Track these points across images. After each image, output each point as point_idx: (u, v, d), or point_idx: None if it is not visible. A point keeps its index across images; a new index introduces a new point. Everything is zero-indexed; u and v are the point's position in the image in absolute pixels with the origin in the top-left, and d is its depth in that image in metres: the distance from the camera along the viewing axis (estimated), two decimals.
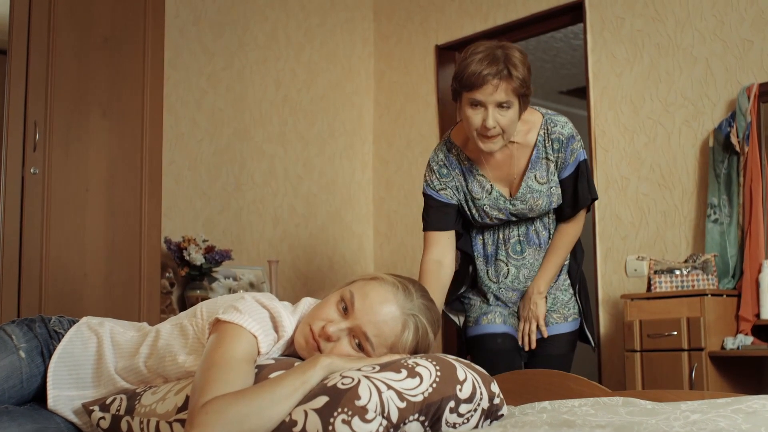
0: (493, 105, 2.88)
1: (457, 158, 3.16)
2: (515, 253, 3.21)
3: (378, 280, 2.02)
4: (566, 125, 3.10)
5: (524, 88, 2.90)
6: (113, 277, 3.94)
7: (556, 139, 3.07)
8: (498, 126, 2.91)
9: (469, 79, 2.88)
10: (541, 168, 3.09)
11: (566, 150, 3.07)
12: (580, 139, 3.13)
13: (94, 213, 3.91)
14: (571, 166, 3.10)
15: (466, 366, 1.93)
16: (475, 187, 3.14)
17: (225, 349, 1.82)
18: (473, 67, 2.87)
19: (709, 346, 4.07)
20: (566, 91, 8.55)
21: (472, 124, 2.93)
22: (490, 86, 2.86)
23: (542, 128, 3.08)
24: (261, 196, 5.61)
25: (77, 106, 3.90)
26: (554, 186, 3.11)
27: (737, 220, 4.34)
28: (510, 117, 2.92)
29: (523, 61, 2.91)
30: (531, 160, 3.09)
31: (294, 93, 5.85)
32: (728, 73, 4.52)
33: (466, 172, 3.15)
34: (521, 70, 2.89)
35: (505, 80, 2.86)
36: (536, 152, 3.08)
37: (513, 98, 2.89)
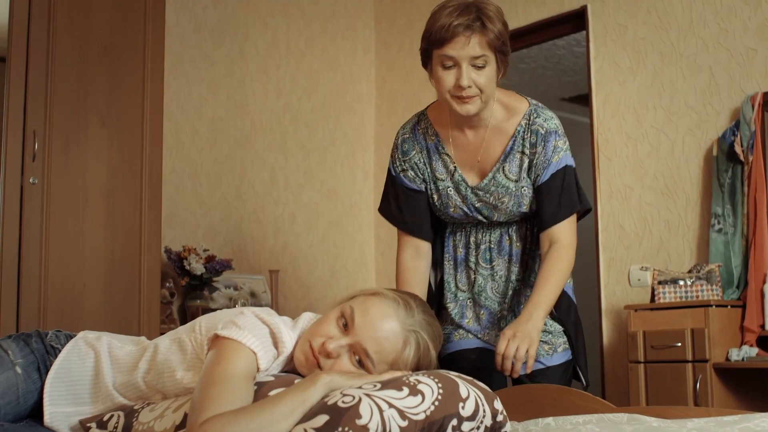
0: (467, 61, 2.55)
1: (424, 133, 2.82)
2: (484, 261, 2.85)
3: (378, 295, 1.99)
4: (551, 119, 2.74)
5: (501, 42, 2.57)
6: (113, 287, 3.91)
7: (536, 131, 2.70)
8: (474, 86, 2.57)
9: (438, 33, 2.57)
10: (514, 162, 2.73)
11: (545, 145, 2.70)
12: (566, 141, 2.76)
13: (93, 222, 3.89)
14: (552, 167, 2.72)
15: (468, 383, 1.90)
16: (439, 165, 2.79)
17: (224, 366, 1.79)
18: (442, 20, 2.57)
19: (714, 358, 4.04)
20: (568, 98, 8.53)
21: (445, 86, 2.60)
22: (462, 38, 2.54)
23: (525, 118, 2.72)
24: (262, 204, 5.58)
25: (77, 114, 3.88)
26: (526, 187, 2.74)
27: (742, 230, 4.31)
28: (488, 75, 2.58)
29: (499, 15, 2.60)
30: (505, 151, 2.73)
31: (295, 101, 5.83)
32: (732, 82, 4.50)
33: (431, 150, 2.81)
34: (497, 24, 2.56)
35: (479, 32, 2.54)
36: (513, 143, 2.72)
37: (489, 53, 2.56)
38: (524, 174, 2.73)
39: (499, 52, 2.59)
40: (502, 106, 2.74)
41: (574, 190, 2.76)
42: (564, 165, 2.72)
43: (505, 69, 2.67)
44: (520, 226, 2.84)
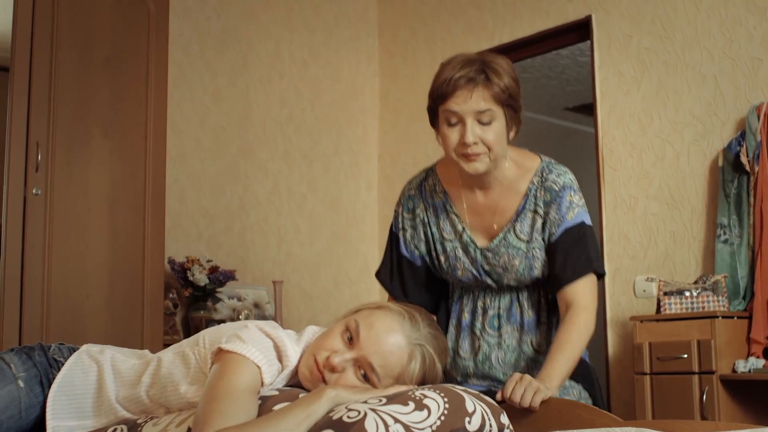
0: (472, 116, 2.40)
1: (432, 190, 2.67)
2: (491, 328, 2.64)
3: (383, 309, 1.98)
4: (565, 174, 2.59)
5: (508, 96, 2.43)
6: (116, 298, 3.91)
7: (549, 188, 2.54)
8: (481, 143, 2.42)
9: (440, 87, 2.44)
10: (526, 221, 2.56)
11: (560, 202, 2.54)
12: (581, 197, 2.59)
13: (96, 233, 3.89)
14: (567, 223, 2.54)
15: (474, 397, 1.88)
16: (446, 225, 2.63)
17: (228, 380, 1.77)
18: (445, 74, 2.44)
19: (720, 369, 4.01)
20: (572, 107, 8.53)
21: (450, 144, 2.45)
22: (464, 91, 2.40)
23: (537, 175, 2.57)
24: (265, 215, 5.58)
25: (80, 125, 3.88)
26: (537, 248, 2.56)
27: (748, 241, 4.29)
28: (495, 131, 2.43)
29: (507, 69, 2.45)
30: (517, 210, 2.57)
31: (298, 111, 5.83)
32: (737, 92, 4.48)
33: (439, 208, 2.65)
34: (503, 77, 2.42)
35: (483, 85, 2.40)
36: (525, 202, 2.56)
37: (495, 107, 2.41)
38: (536, 234, 2.57)
39: (508, 107, 2.44)
40: (515, 164, 2.59)
41: (591, 248, 2.56)
42: (580, 221, 2.55)
43: (517, 127, 2.53)
44: (531, 292, 2.65)
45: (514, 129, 2.52)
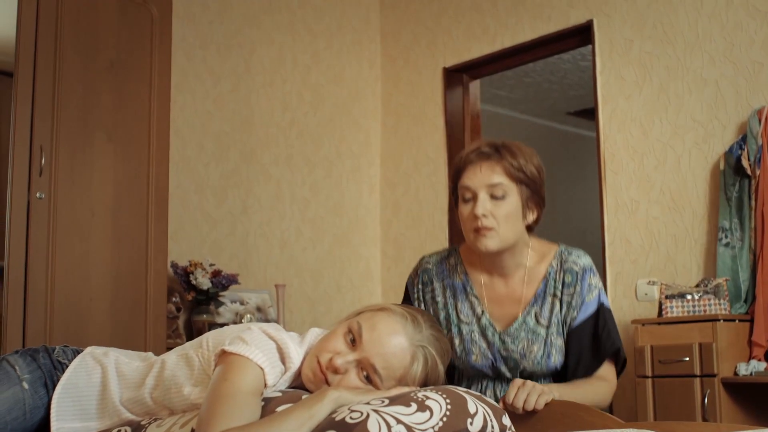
0: (484, 190, 2.43)
1: (452, 270, 2.64)
2: None
3: (386, 311, 1.99)
4: (584, 256, 2.59)
5: (523, 174, 2.44)
6: (119, 302, 3.92)
7: (569, 269, 2.54)
8: (491, 216, 2.42)
9: (456, 165, 2.51)
10: (546, 306, 2.53)
11: (581, 284, 2.53)
12: (599, 279, 2.58)
13: (99, 237, 3.90)
14: (588, 306, 2.53)
15: (476, 398, 1.89)
16: (465, 307, 2.59)
17: (231, 382, 1.78)
18: (462, 152, 2.52)
19: (722, 372, 4.02)
20: (574, 112, 8.54)
21: (463, 219, 2.48)
22: (476, 165, 2.45)
23: (555, 258, 2.57)
24: (268, 219, 5.58)
25: (83, 130, 3.89)
26: (555, 333, 2.53)
27: (749, 244, 4.30)
28: (507, 208, 2.43)
29: (527, 153, 2.48)
30: (536, 294, 2.54)
31: (301, 116, 5.83)
32: (738, 96, 4.49)
33: (458, 289, 2.61)
34: (518, 158, 2.45)
35: (495, 159, 2.44)
36: (544, 285, 2.54)
37: (507, 182, 2.43)
38: (555, 318, 2.53)
39: (523, 184, 2.46)
40: (535, 252, 2.59)
41: (612, 332, 2.54)
42: (599, 304, 2.54)
43: (538, 211, 2.53)
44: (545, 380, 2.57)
45: (533, 213, 2.52)
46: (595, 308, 2.53)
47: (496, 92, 7.91)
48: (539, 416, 2.28)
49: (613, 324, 2.55)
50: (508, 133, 8.37)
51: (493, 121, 7.90)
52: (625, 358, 2.59)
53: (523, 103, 8.35)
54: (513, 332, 2.54)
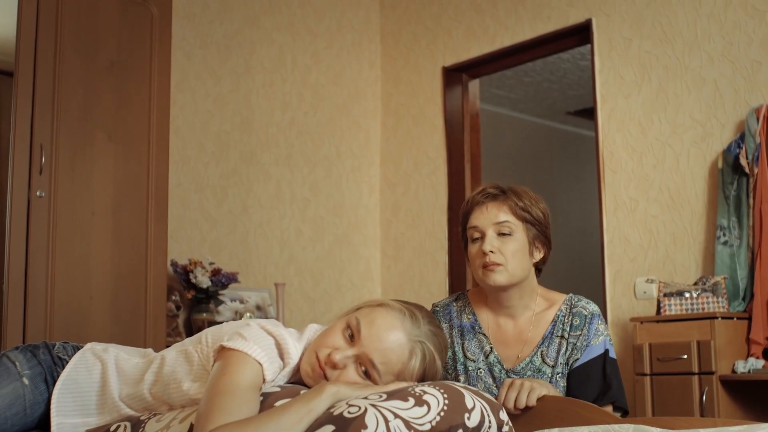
0: (492, 228, 2.52)
1: (460, 311, 2.70)
2: None
3: (384, 306, 2.00)
4: (592, 303, 2.64)
5: (528, 214, 2.54)
6: (119, 300, 3.92)
7: (578, 313, 2.59)
8: (499, 253, 2.51)
9: (463, 208, 2.62)
10: (552, 346, 2.58)
11: (589, 327, 2.57)
12: (607, 327, 2.63)
13: (100, 236, 3.90)
14: (592, 350, 2.56)
15: (474, 393, 1.90)
16: (472, 345, 2.64)
17: (230, 378, 1.79)
18: (471, 196, 2.62)
19: (720, 370, 4.03)
20: (573, 111, 8.55)
21: (472, 257, 2.57)
22: (482, 206, 2.55)
23: (565, 304, 2.63)
24: (268, 218, 5.59)
25: (83, 129, 3.90)
26: (560, 375, 2.57)
27: (747, 242, 4.30)
28: (513, 246, 2.52)
29: (533, 197, 2.58)
30: (544, 335, 2.59)
31: (301, 116, 5.84)
32: (737, 95, 4.50)
33: (466, 329, 2.67)
34: (525, 200, 2.55)
35: (501, 200, 2.54)
36: (552, 327, 2.59)
37: (513, 220, 2.53)
38: (561, 359, 2.57)
39: (528, 223, 2.55)
40: (543, 299, 2.65)
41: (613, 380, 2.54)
42: (604, 350, 2.57)
43: (545, 251, 2.60)
44: None
45: (539, 252, 2.60)
46: (600, 353, 2.56)
47: (495, 92, 7.91)
48: (536, 412, 2.29)
49: (615, 374, 2.56)
50: (508, 132, 8.39)
51: (492, 120, 7.91)
52: (627, 410, 2.58)
53: (523, 103, 8.35)
54: (519, 371, 2.58)
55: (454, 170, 5.82)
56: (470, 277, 5.66)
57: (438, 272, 5.82)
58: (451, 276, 5.75)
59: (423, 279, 5.89)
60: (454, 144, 5.84)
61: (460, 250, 5.59)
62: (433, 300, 5.57)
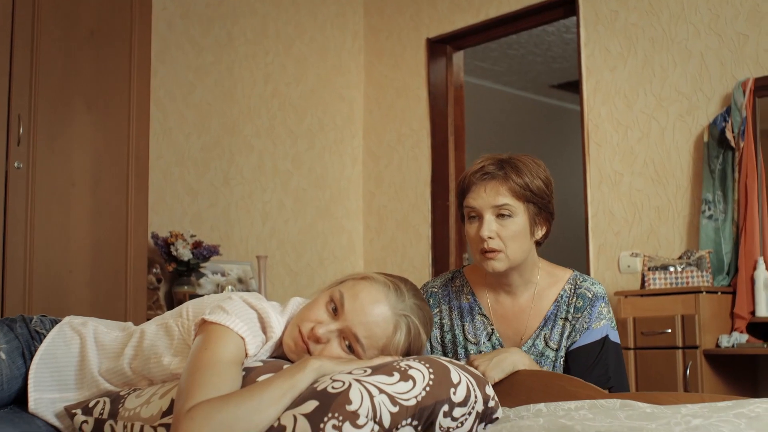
0: (490, 211, 2.37)
1: (458, 291, 2.60)
2: None
3: (368, 279, 1.97)
4: (598, 284, 2.53)
5: (530, 193, 2.39)
6: (99, 273, 3.88)
7: (582, 294, 2.49)
8: (498, 238, 2.37)
9: (460, 184, 2.45)
10: (556, 329, 2.50)
11: (591, 310, 2.47)
12: (611, 311, 2.52)
13: (79, 208, 3.85)
14: (591, 334, 2.47)
15: (460, 368, 1.88)
16: (472, 328, 2.55)
17: (211, 352, 1.76)
18: (467, 170, 2.45)
19: (704, 344, 4.02)
20: (557, 84, 8.52)
21: (469, 239, 2.43)
22: (481, 188, 2.39)
23: (569, 283, 2.52)
24: (249, 191, 5.55)
25: (62, 99, 3.84)
26: (562, 358, 2.50)
27: (732, 217, 4.29)
28: (514, 228, 2.38)
29: (533, 168, 2.41)
30: (546, 316, 2.50)
31: (283, 87, 5.79)
32: (723, 68, 4.48)
33: (465, 310, 2.57)
34: (525, 175, 2.38)
35: (500, 179, 2.37)
36: (555, 308, 2.50)
37: (514, 202, 2.37)
38: (564, 342, 2.49)
39: (530, 202, 2.40)
40: (546, 273, 2.55)
41: (611, 365, 2.47)
42: (604, 335, 2.48)
43: (547, 226, 2.47)
44: None
45: (541, 229, 2.47)
46: (599, 338, 2.48)
47: (479, 64, 7.87)
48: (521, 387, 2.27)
49: (615, 361, 2.48)
50: (491, 105, 8.36)
51: (475, 93, 7.87)
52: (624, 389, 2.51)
53: (507, 76, 8.32)
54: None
55: (438, 143, 5.79)
56: (453, 250, 5.64)
57: (421, 245, 5.79)
58: (434, 249, 5.72)
59: (406, 252, 5.86)
60: (437, 116, 5.81)
61: (444, 223, 5.57)
62: (416, 273, 5.62)
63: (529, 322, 2.52)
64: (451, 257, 5.63)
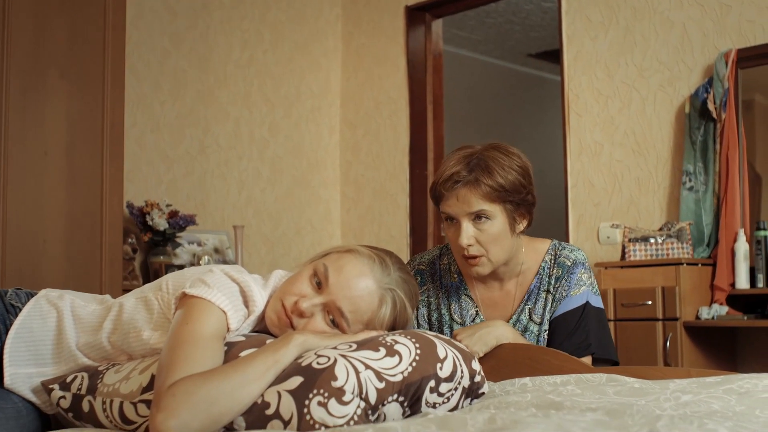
0: (467, 217, 2.32)
1: (446, 270, 2.56)
2: None
3: (353, 252, 1.93)
4: (577, 251, 2.51)
5: (504, 193, 2.31)
6: (74, 243, 3.82)
7: (561, 263, 2.46)
8: (477, 244, 2.33)
9: (433, 190, 2.38)
10: (539, 302, 2.47)
11: (569, 277, 2.45)
12: (591, 276, 2.49)
13: (53, 177, 3.79)
14: (571, 301, 2.44)
15: (446, 343, 1.86)
16: (457, 307, 2.52)
17: (192, 326, 1.72)
18: (438, 172, 2.37)
19: (684, 316, 4.02)
20: (535, 54, 8.47)
21: (451, 241, 2.39)
22: (453, 196, 2.32)
23: (549, 253, 2.50)
24: (226, 159, 5.50)
25: (35, 66, 3.76)
26: (546, 331, 2.48)
27: (713, 188, 4.29)
28: (491, 233, 2.32)
29: (506, 163, 2.32)
30: (530, 290, 2.48)
31: (260, 54, 5.73)
32: (705, 38, 4.45)
33: (451, 289, 2.54)
34: (497, 176, 2.29)
35: (471, 187, 2.30)
36: (538, 281, 2.48)
37: (490, 206, 2.30)
38: (547, 315, 2.47)
39: (508, 202, 2.33)
40: (529, 250, 2.50)
41: (591, 331, 2.43)
42: (584, 301, 2.45)
43: (528, 218, 2.41)
44: None
45: (522, 222, 2.41)
46: (579, 305, 2.45)
47: (456, 33, 7.82)
48: (507, 361, 2.25)
49: (596, 326, 2.45)
50: (469, 75, 8.31)
51: (453, 62, 7.81)
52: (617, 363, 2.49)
53: (484, 44, 8.26)
54: None
55: (417, 112, 5.75)
56: (432, 220, 5.62)
57: (399, 215, 5.76)
58: (412, 219, 5.70)
59: (383, 221, 5.83)
60: (416, 85, 5.76)
61: (422, 193, 5.54)
62: (394, 243, 5.59)
63: (515, 302, 2.50)
64: (430, 227, 5.60)
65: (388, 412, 1.68)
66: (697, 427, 1.44)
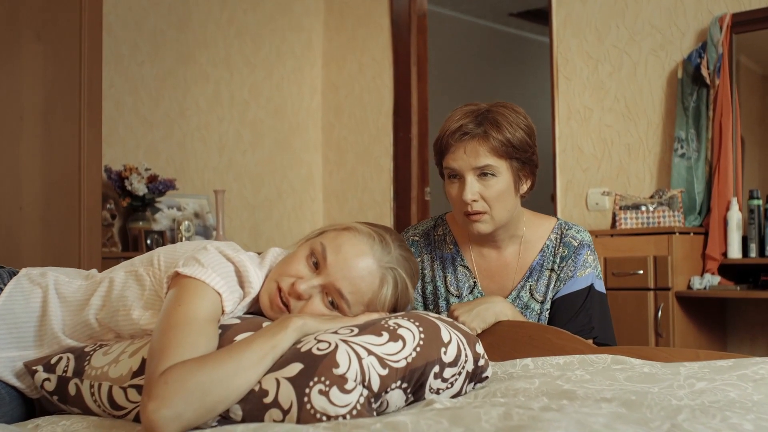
0: (472, 172, 2.28)
1: (441, 241, 2.52)
2: None
3: (351, 230, 1.85)
4: (584, 232, 2.47)
5: (512, 149, 2.27)
6: (51, 210, 3.72)
7: (568, 243, 2.43)
8: (481, 200, 2.29)
9: (438, 142, 2.34)
10: (542, 280, 2.43)
11: (576, 258, 2.41)
12: (596, 259, 2.47)
13: (29, 142, 3.68)
14: (576, 282, 2.41)
15: (450, 326, 1.79)
16: (454, 279, 2.47)
17: (186, 308, 1.64)
18: (444, 126, 2.33)
19: (676, 286, 3.98)
20: (517, 13, 8.35)
21: (452, 200, 2.35)
22: (460, 149, 2.28)
23: (555, 232, 2.46)
24: (206, 122, 5.40)
25: (9, 28, 3.64)
26: (547, 310, 2.45)
27: (705, 156, 4.23)
28: (497, 188, 2.28)
29: (514, 120, 2.28)
30: (531, 267, 2.44)
31: (240, 14, 5.61)
32: (699, 2, 4.38)
33: (447, 260, 2.49)
34: (505, 131, 2.26)
35: (480, 139, 2.26)
36: (541, 258, 2.44)
37: (495, 161, 2.27)
38: (549, 294, 2.43)
39: (514, 159, 2.29)
40: (531, 223, 2.47)
41: (595, 315, 2.41)
42: (589, 284, 2.42)
43: (532, 178, 2.38)
44: None
45: (526, 182, 2.38)
46: (584, 287, 2.42)
47: None
48: (508, 341, 2.19)
49: (599, 311, 2.42)
50: (451, 35, 8.20)
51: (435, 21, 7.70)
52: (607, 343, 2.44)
53: (466, 3, 8.15)
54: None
55: (401, 73, 5.66)
56: (416, 184, 5.55)
57: (382, 178, 5.69)
58: (396, 182, 5.62)
59: (366, 185, 5.76)
60: (400, 46, 5.67)
61: (406, 156, 5.47)
62: (377, 208, 5.52)
63: (515, 275, 2.46)
64: (413, 191, 5.53)
65: (391, 399, 1.62)
66: (720, 421, 1.38)
